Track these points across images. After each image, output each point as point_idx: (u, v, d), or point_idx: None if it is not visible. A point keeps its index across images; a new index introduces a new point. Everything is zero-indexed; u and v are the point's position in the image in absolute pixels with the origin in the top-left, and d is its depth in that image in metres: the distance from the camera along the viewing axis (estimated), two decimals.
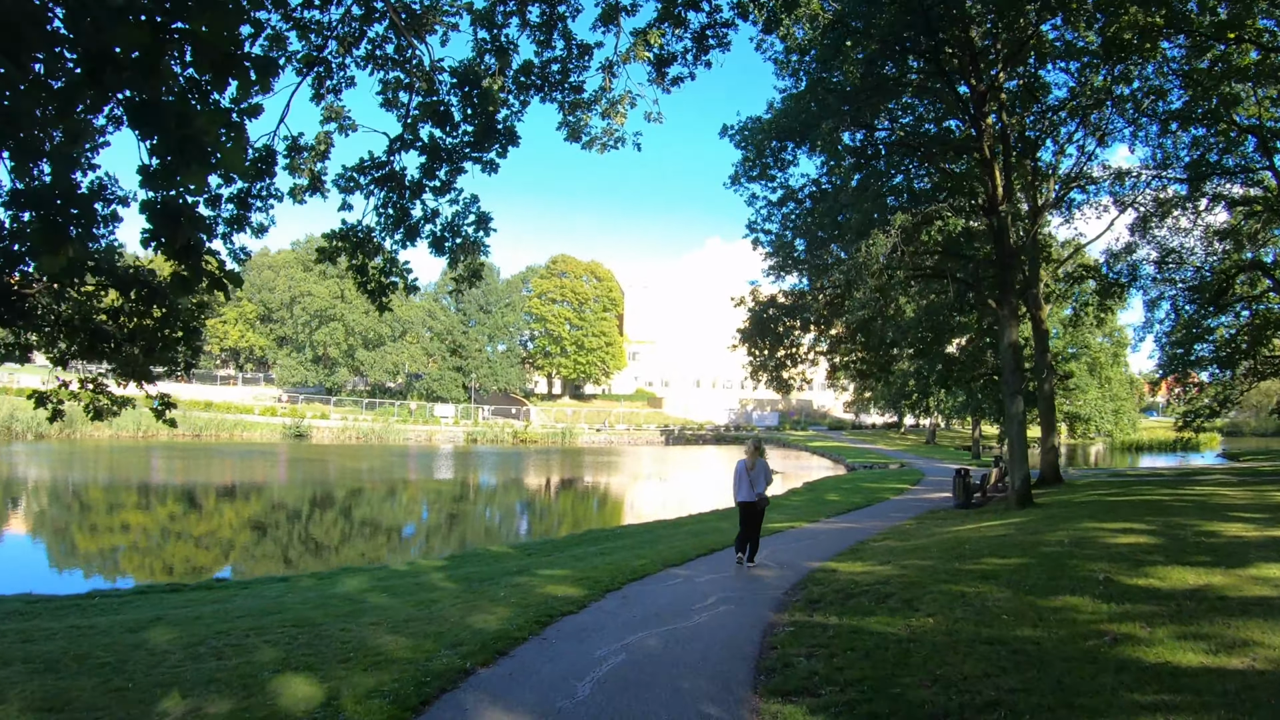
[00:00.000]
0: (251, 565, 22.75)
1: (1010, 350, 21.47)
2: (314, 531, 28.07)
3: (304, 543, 26.04)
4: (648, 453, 70.06)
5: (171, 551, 23.95)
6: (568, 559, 16.50)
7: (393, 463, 53.01)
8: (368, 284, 10.87)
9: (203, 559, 23.33)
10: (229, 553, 24.35)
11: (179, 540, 25.66)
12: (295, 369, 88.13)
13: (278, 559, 23.63)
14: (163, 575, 20.52)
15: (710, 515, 26.27)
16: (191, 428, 65.14)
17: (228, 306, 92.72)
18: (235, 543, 25.75)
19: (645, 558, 14.49)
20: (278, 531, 27.74)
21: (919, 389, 31.58)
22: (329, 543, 26.13)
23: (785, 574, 12.41)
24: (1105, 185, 30.63)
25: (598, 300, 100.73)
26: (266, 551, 24.69)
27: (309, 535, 27.29)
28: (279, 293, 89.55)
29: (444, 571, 16.20)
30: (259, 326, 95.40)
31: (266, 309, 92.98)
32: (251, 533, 27.28)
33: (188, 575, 20.44)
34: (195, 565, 22.36)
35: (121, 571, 21.35)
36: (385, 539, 26.96)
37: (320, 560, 23.00)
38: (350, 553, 24.28)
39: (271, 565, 22.62)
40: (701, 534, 19.32)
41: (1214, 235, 36.18)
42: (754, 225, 25.29)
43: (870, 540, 16.32)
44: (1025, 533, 14.21)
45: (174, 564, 22.45)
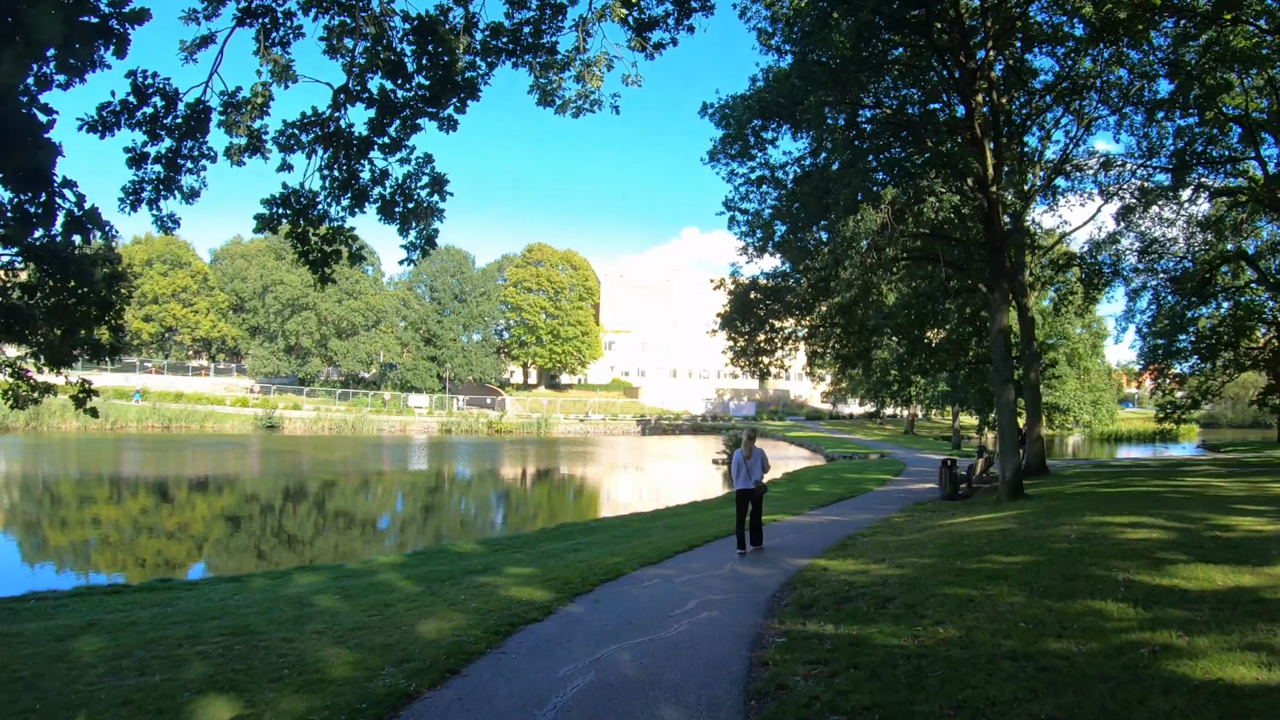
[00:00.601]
0: (213, 561, 21.53)
1: (1000, 336, 20.60)
2: (279, 526, 26.79)
3: (269, 538, 24.76)
4: (624, 443, 69.09)
5: (134, 548, 22.62)
6: (537, 556, 15.46)
7: (364, 454, 51.67)
8: (309, 253, 9.69)
9: (167, 555, 22.02)
10: (190, 549, 23.05)
11: (146, 535, 24.33)
12: (267, 359, 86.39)
13: (240, 555, 22.38)
14: (136, 572, 19.29)
15: (687, 508, 25.32)
16: (161, 419, 65.06)
17: (200, 296, 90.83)
18: (198, 539, 24.44)
19: (619, 555, 13.48)
20: (242, 527, 26.46)
21: (900, 377, 30.80)
22: (295, 537, 24.89)
23: (772, 573, 11.43)
24: (1090, 175, 29.95)
25: (574, 289, 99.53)
26: (229, 547, 23.43)
27: (274, 530, 26.01)
28: (251, 282, 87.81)
29: (403, 570, 15.13)
30: (231, 316, 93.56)
31: (239, 299, 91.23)
32: (214, 528, 25.97)
33: (152, 571, 19.24)
34: (156, 561, 21.08)
35: (80, 568, 20.05)
36: (350, 534, 25.75)
37: (286, 555, 21.81)
38: (313, 549, 23.13)
39: (233, 562, 21.40)
40: (679, 528, 18.36)
41: (1196, 226, 35.79)
42: (731, 203, 24.21)
43: (859, 535, 15.37)
44: (1026, 527, 13.30)
45: (134, 561, 21.17)
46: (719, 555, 13.22)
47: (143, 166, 9.96)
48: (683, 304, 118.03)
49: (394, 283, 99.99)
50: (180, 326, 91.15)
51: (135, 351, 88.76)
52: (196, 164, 10.18)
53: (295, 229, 9.93)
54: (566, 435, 76.39)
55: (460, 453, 55.78)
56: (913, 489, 27.90)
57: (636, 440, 73.09)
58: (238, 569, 19.78)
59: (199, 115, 9.93)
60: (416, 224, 9.32)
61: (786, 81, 20.67)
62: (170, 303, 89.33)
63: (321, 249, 9.60)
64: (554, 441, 68.49)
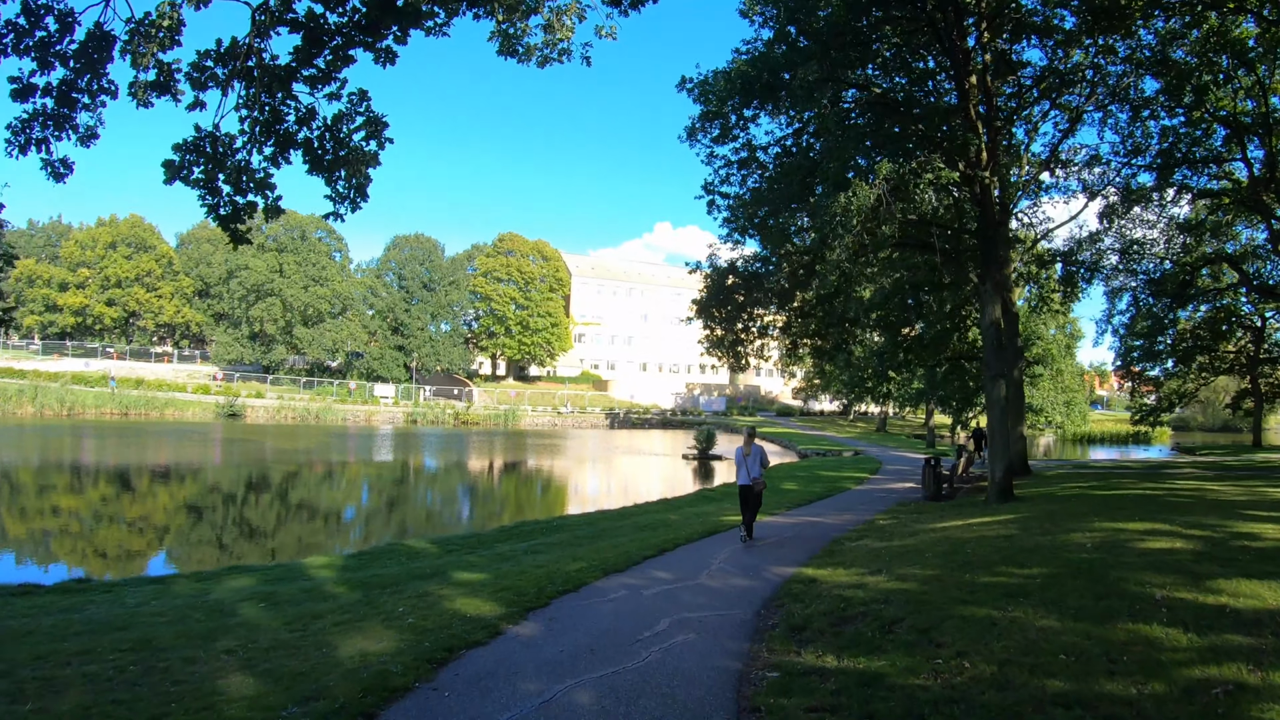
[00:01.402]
0: (152, 557, 19.86)
1: (992, 329, 19.46)
2: (226, 520, 25.03)
3: (213, 533, 23.07)
4: (592, 436, 67.67)
5: (67, 540, 20.92)
6: (492, 559, 14.04)
7: (325, 444, 49.79)
8: (218, 206, 8.20)
9: (105, 548, 20.33)
10: (133, 543, 21.33)
11: (82, 527, 22.60)
12: (231, 346, 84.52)
13: (185, 550, 20.73)
14: (73, 564, 17.73)
15: (656, 505, 23.94)
16: (120, 405, 63.68)
17: (164, 281, 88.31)
18: (143, 531, 22.72)
19: (582, 560, 12.11)
20: (187, 520, 24.71)
21: (878, 371, 29.74)
22: (241, 532, 23.17)
23: (754, 585, 10.13)
24: (1075, 173, 28.95)
25: (544, 280, 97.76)
26: (172, 542, 21.73)
27: (219, 525, 24.24)
28: (216, 267, 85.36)
29: (344, 574, 13.69)
30: (197, 302, 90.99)
31: (205, 284, 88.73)
32: (158, 522, 24.22)
33: (94, 565, 17.75)
34: (96, 554, 19.46)
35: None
36: (299, 529, 24.08)
37: (230, 552, 20.24)
38: (257, 545, 21.54)
39: (174, 558, 19.78)
40: (648, 528, 17.00)
41: (1177, 229, 35.21)
42: (710, 186, 22.67)
43: (845, 539, 14.10)
44: (1030, 533, 12.09)
45: (71, 553, 19.53)
46: (692, 561, 11.89)
47: (30, 99, 8.52)
48: (654, 297, 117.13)
49: (361, 270, 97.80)
50: (144, 311, 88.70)
51: (97, 336, 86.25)
52: (95, 99, 8.73)
53: (209, 180, 8.44)
54: (534, 427, 74.90)
55: (424, 444, 54.09)
56: (892, 488, 26.80)
57: (605, 434, 71.65)
58: (180, 565, 18.31)
59: (99, 42, 8.48)
60: (346, 172, 7.85)
61: (771, 54, 19.39)
62: (134, 287, 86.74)
63: (232, 201, 8.10)
64: (521, 434, 66.97)
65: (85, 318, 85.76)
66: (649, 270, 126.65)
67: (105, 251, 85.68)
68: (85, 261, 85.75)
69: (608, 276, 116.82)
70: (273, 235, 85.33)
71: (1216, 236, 36.98)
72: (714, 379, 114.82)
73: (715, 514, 18.85)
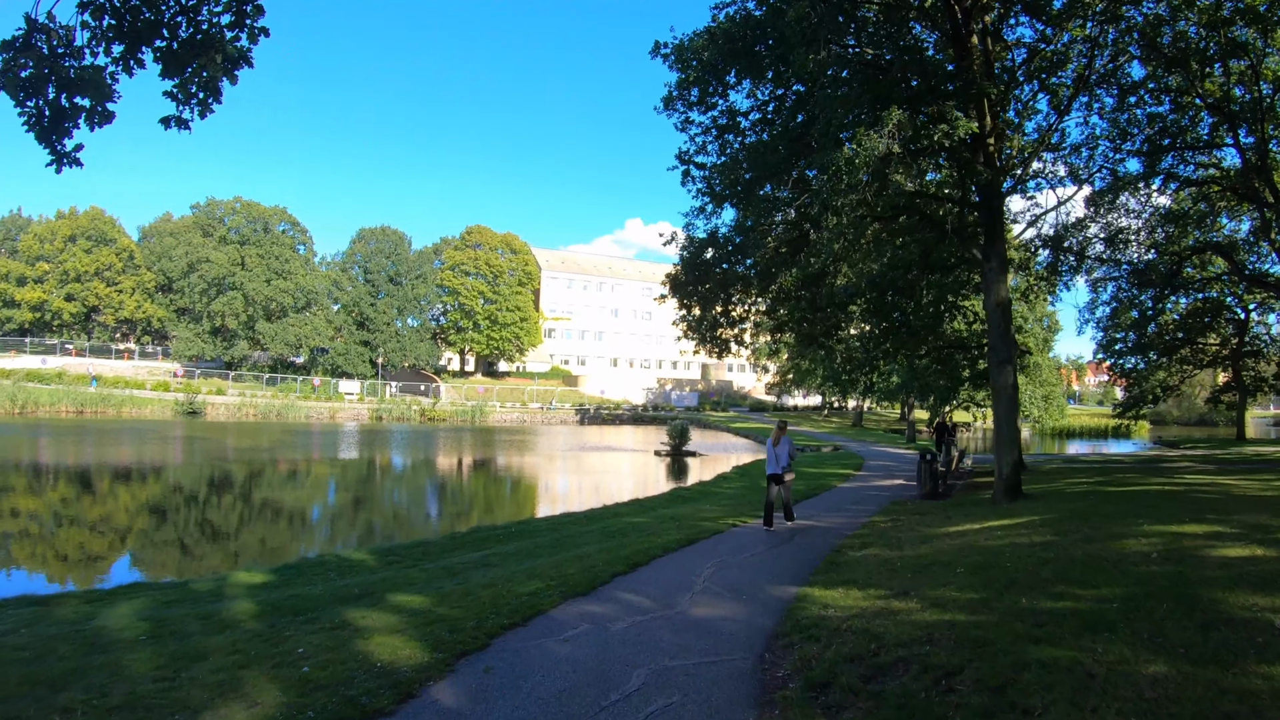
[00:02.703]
0: (59, 569, 17.52)
1: (998, 310, 17.61)
2: (157, 527, 22.59)
3: (141, 541, 20.71)
4: (562, 432, 65.55)
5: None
6: (435, 575, 11.94)
7: (283, 442, 47.20)
8: (33, 115, 6.08)
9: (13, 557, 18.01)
10: (46, 551, 18.99)
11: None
12: (192, 342, 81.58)
13: (106, 558, 18.41)
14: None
15: (627, 507, 21.81)
16: (76, 403, 61.26)
17: (125, 275, 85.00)
18: (44, 539, 20.32)
19: (539, 578, 10.03)
20: (114, 526, 22.26)
21: (865, 360, 27.96)
22: (169, 541, 20.76)
23: (751, 613, 8.13)
24: (1064, 157, 27.36)
25: (513, 274, 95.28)
26: (88, 551, 19.35)
27: (149, 532, 21.79)
28: (178, 260, 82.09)
29: (260, 594, 11.55)
30: (159, 297, 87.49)
31: (167, 278, 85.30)
32: (76, 527, 21.77)
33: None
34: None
35: None
36: (234, 538, 21.71)
37: (150, 565, 18.03)
38: (185, 555, 19.28)
39: (91, 568, 17.44)
40: (618, 535, 14.93)
41: (1160, 219, 34.09)
42: (685, 156, 20.48)
43: (847, 547, 12.13)
44: (1071, 539, 10.21)
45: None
46: (671, 579, 9.82)
47: None
48: (624, 292, 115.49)
49: (326, 263, 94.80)
50: (104, 306, 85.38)
51: (56, 333, 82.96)
52: None
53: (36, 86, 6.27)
54: (502, 424, 72.82)
55: (387, 442, 51.68)
56: (881, 485, 24.97)
57: (575, 430, 69.56)
58: (81, 580, 16.08)
59: None
60: (200, 63, 5.76)
61: (752, 17, 17.45)
62: (94, 281, 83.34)
63: (55, 104, 5.96)
64: (489, 430, 64.79)
65: (44, 313, 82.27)
66: (620, 264, 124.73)
67: (65, 245, 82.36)
68: (44, 255, 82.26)
69: (578, 271, 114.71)
70: (235, 227, 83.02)
71: (1200, 227, 35.90)
72: (685, 374, 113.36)
73: (692, 517, 16.80)
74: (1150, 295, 41.68)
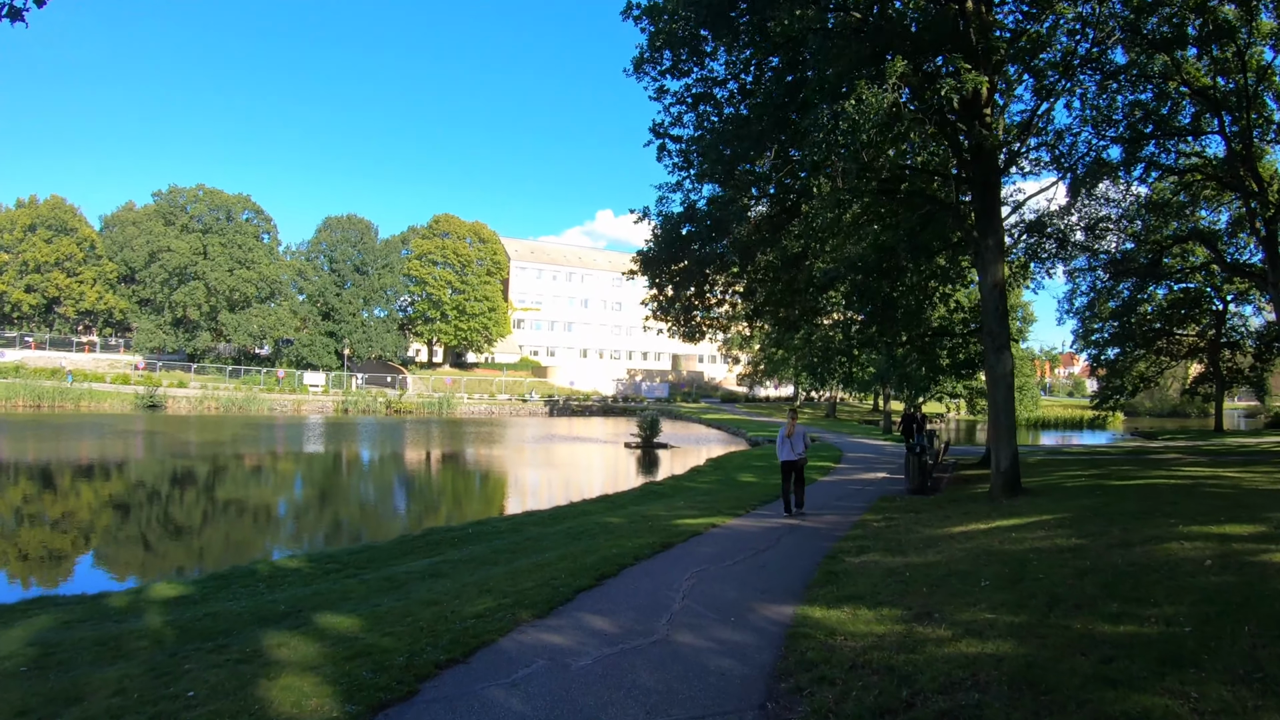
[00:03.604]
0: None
1: (995, 292, 16.34)
2: (88, 530, 20.78)
3: (65, 546, 18.98)
4: (530, 424, 63.96)
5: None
6: (374, 588, 10.43)
7: (243, 437, 45.14)
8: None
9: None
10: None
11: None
12: (153, 333, 79.14)
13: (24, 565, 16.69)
14: None
15: (596, 505, 20.30)
16: (32, 397, 59.48)
17: (86, 265, 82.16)
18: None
19: (491, 594, 8.56)
20: (36, 528, 20.48)
21: (844, 348, 26.76)
22: (98, 546, 19.04)
23: (744, 641, 6.69)
24: (1049, 144, 26.31)
25: (481, 263, 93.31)
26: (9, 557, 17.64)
27: (76, 533, 20.05)
28: (139, 250, 79.40)
29: (172, 611, 10.08)
30: (121, 288, 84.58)
31: (129, 269, 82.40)
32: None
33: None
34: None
35: None
36: (171, 541, 19.86)
37: (66, 572, 16.39)
38: (112, 560, 17.62)
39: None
40: (586, 536, 13.48)
41: (1140, 208, 33.40)
42: (659, 128, 18.88)
43: (843, 552, 10.75)
44: (1101, 542, 8.93)
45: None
46: (645, 596, 8.35)
47: None
48: (594, 283, 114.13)
49: (291, 252, 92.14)
50: (64, 298, 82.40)
51: (15, 325, 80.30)
52: None
53: None
54: (470, 415, 71.16)
55: (351, 435, 49.81)
56: (863, 479, 23.72)
57: (544, 421, 67.99)
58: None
59: None
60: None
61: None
62: (54, 272, 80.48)
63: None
64: (456, 422, 63.10)
65: (2, 305, 79.32)
66: (589, 254, 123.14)
67: (24, 234, 79.31)
68: (2, 245, 79.29)
69: (547, 261, 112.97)
70: (197, 216, 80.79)
71: (1180, 217, 35.27)
72: (656, 365, 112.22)
73: (667, 516, 15.35)
74: (1129, 285, 41.15)
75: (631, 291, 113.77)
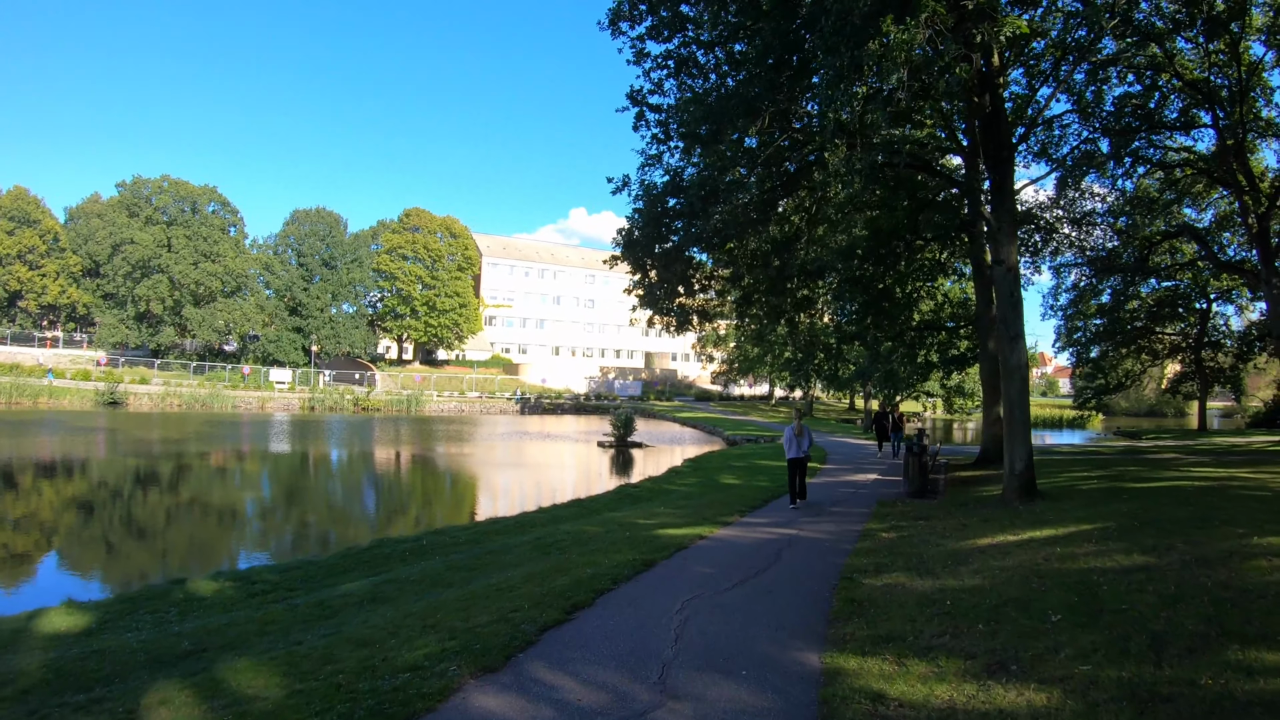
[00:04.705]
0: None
1: (1009, 276, 14.86)
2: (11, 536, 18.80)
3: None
4: (501, 422, 62.21)
5: None
6: (301, 618, 8.72)
7: (203, 434, 43.00)
8: None
9: None
10: None
11: None
12: (116, 328, 76.56)
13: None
14: None
15: (568, 510, 18.45)
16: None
17: (49, 258, 79.32)
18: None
19: (436, 631, 6.86)
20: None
21: (833, 344, 25.45)
22: (20, 553, 17.12)
23: (762, 707, 5.05)
24: (1039, 131, 25.11)
25: (452, 259, 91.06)
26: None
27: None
28: (103, 242, 76.67)
29: (57, 646, 8.50)
30: (85, 282, 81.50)
31: (93, 262, 79.53)
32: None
33: None
34: None
35: None
36: (95, 551, 17.85)
37: None
38: (25, 574, 15.74)
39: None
40: (556, 549, 11.79)
41: (1128, 204, 32.34)
42: (638, 95, 17.25)
43: (857, 571, 9.16)
44: (1171, 559, 7.45)
45: None
46: (627, 638, 6.65)
47: None
48: (567, 280, 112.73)
49: (258, 246, 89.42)
50: (27, 291, 79.57)
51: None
52: None
53: None
54: (440, 413, 69.33)
55: (315, 433, 47.75)
56: (855, 480, 22.21)
57: (515, 420, 66.15)
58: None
59: None
60: None
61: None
62: (15, 264, 77.65)
63: None
64: (425, 420, 61.22)
65: None
66: (562, 251, 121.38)
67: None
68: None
69: (520, 257, 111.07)
70: (162, 207, 78.41)
71: (1166, 214, 34.43)
72: (629, 363, 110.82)
73: (648, 525, 13.71)
74: (1115, 282, 40.26)
75: (605, 289, 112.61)
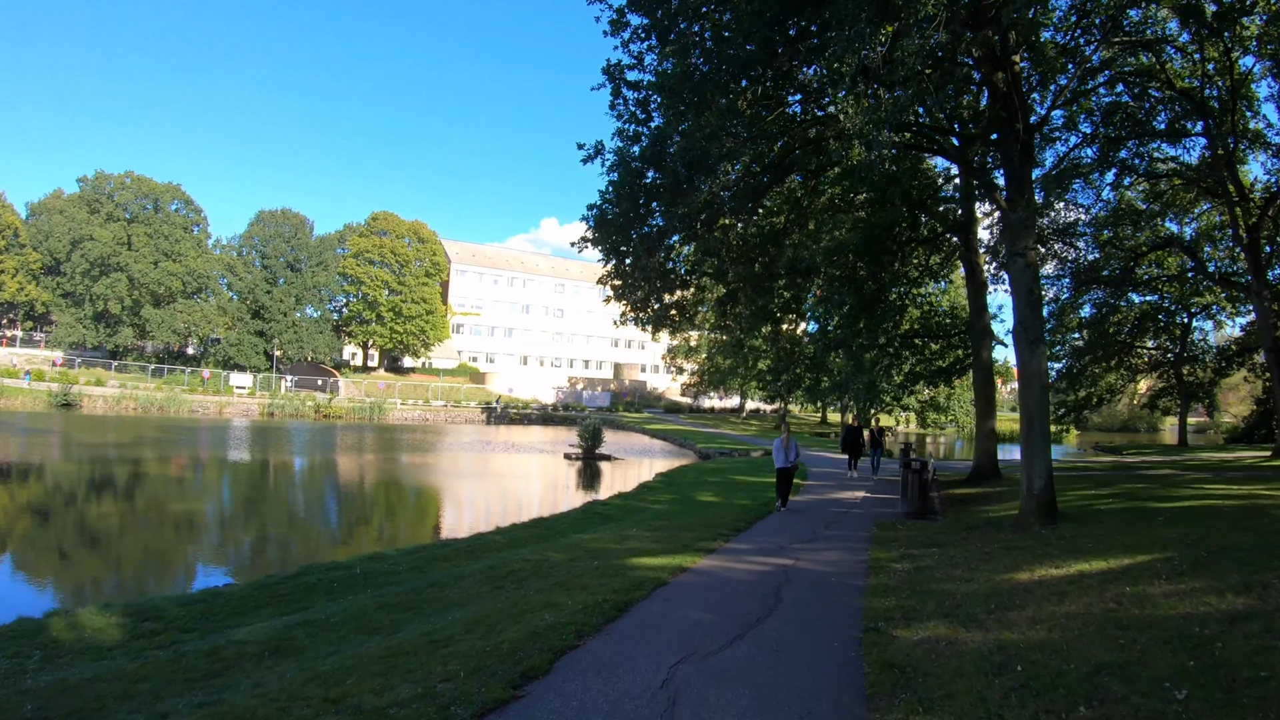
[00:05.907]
0: None
1: (1028, 274, 13.24)
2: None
3: None
4: (466, 431, 60.30)
5: None
6: (179, 673, 6.83)
7: (152, 439, 40.86)
8: None
9: None
10: None
11: None
12: (73, 328, 74.22)
13: None
14: None
15: (528, 530, 16.50)
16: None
17: (8, 254, 76.36)
18: None
19: (338, 713, 5.09)
20: None
21: (821, 352, 24.11)
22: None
23: None
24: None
25: (420, 264, 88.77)
26: None
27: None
28: (62, 238, 73.96)
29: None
30: (45, 279, 78.44)
31: (54, 259, 76.57)
32: None
33: None
34: None
35: None
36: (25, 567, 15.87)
37: None
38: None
39: None
40: (509, 583, 9.93)
41: (1114, 215, 31.37)
42: (614, 69, 15.11)
43: (882, 619, 7.38)
44: (1260, 601, 5.82)
45: None
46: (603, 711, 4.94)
47: None
48: (536, 288, 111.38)
49: (220, 246, 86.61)
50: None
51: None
52: None
53: None
54: (403, 422, 67.42)
55: (272, 440, 45.48)
56: (846, 499, 20.48)
57: (480, 429, 64.27)
58: None
59: None
60: None
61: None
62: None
63: None
64: (388, 429, 59.24)
65: None
66: (532, 259, 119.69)
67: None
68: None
69: (489, 264, 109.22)
70: (123, 204, 75.76)
71: (1151, 226, 33.57)
72: (598, 374, 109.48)
73: (620, 551, 11.87)
74: (1100, 295, 39.40)
75: (574, 299, 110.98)
